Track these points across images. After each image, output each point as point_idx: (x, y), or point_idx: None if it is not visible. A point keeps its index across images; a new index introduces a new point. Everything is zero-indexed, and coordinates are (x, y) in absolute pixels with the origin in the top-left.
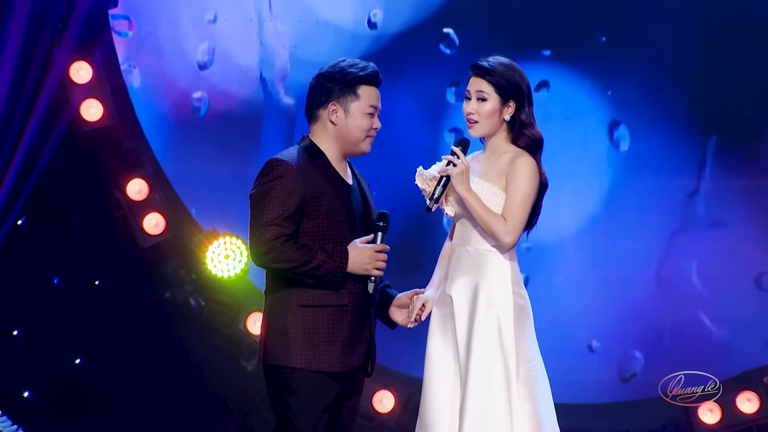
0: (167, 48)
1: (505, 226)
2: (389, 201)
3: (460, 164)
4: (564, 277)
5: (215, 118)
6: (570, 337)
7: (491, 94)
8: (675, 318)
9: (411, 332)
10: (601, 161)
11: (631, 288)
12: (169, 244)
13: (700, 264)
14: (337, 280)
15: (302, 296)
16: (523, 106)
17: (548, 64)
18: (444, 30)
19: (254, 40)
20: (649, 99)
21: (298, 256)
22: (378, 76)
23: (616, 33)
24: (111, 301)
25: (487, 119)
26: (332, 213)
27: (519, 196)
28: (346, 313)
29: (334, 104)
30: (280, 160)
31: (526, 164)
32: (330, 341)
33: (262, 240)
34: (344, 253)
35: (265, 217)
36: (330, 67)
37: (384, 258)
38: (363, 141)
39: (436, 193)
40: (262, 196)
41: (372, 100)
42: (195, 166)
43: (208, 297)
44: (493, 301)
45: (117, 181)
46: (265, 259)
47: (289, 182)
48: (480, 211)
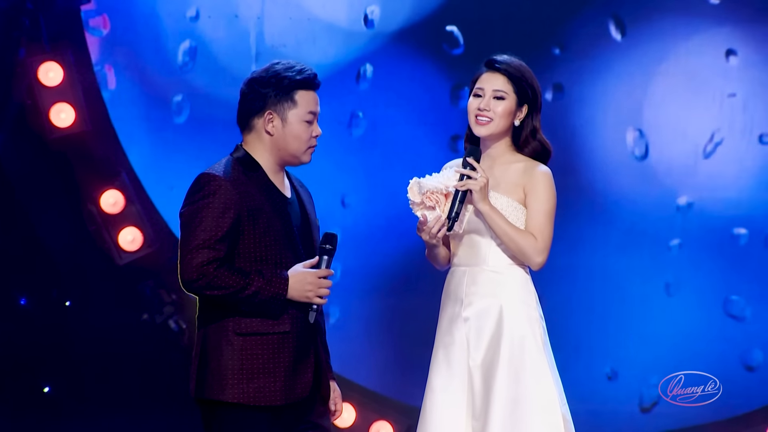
0: (145, 47)
1: (536, 243)
2: (383, 215)
3: (481, 177)
4: (576, 297)
5: (198, 123)
6: (585, 363)
7: (510, 93)
8: (700, 342)
9: (411, 358)
10: (618, 171)
11: (651, 309)
12: (147, 261)
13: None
14: (277, 308)
15: (239, 324)
16: (536, 111)
17: (560, 63)
18: (447, 28)
19: (240, 39)
20: (673, 103)
21: (233, 283)
22: (316, 79)
23: (638, 28)
24: (83, 324)
25: (501, 119)
26: (270, 231)
27: (545, 210)
28: (288, 340)
29: (271, 113)
30: (211, 174)
31: (546, 175)
32: (271, 372)
33: (192, 265)
34: (284, 279)
35: (195, 239)
36: (263, 70)
37: (328, 284)
38: (303, 152)
39: (455, 210)
40: (192, 216)
41: (311, 106)
42: (176, 175)
43: (189, 319)
44: (520, 324)
45: (90, 193)
46: (197, 287)
47: (222, 199)
48: (507, 228)
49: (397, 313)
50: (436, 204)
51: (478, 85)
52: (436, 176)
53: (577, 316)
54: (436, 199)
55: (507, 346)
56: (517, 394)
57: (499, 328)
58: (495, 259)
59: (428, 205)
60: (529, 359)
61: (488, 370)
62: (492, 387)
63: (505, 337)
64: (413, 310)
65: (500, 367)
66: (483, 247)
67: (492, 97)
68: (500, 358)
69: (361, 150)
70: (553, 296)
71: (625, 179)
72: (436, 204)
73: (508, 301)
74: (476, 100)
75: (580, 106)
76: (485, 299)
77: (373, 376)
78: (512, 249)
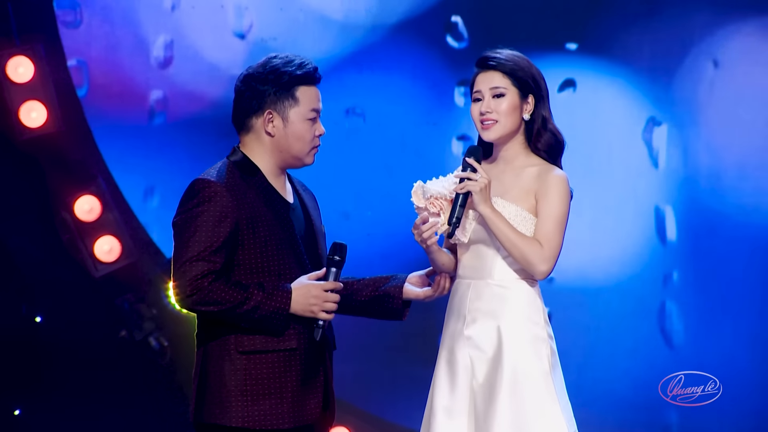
0: (122, 41)
1: (542, 251)
2: (385, 221)
3: (482, 178)
4: (593, 318)
5: (179, 123)
6: (602, 392)
7: (509, 87)
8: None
9: (412, 379)
10: (639, 176)
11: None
12: (126, 274)
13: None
14: (279, 324)
15: (242, 341)
16: (543, 99)
17: (575, 59)
18: (452, 19)
19: (225, 32)
20: (697, 100)
21: (231, 297)
22: (317, 73)
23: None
24: (55, 342)
25: (507, 117)
26: (271, 240)
27: (554, 216)
28: (294, 358)
29: (270, 112)
30: (206, 180)
31: (561, 180)
32: (277, 393)
33: (186, 279)
34: (286, 292)
35: (189, 250)
36: (260, 66)
37: (335, 299)
38: (307, 154)
39: (456, 214)
40: (186, 226)
41: (313, 103)
42: (156, 180)
43: (171, 336)
44: (522, 346)
45: (63, 199)
46: (191, 302)
47: (218, 206)
48: (510, 233)
49: (396, 330)
50: (441, 211)
51: (475, 89)
52: (441, 180)
53: (591, 338)
54: (440, 206)
55: (508, 370)
56: (518, 422)
57: (499, 351)
58: (501, 272)
59: (432, 212)
60: (532, 385)
61: (489, 394)
62: (493, 414)
63: (506, 361)
64: (414, 327)
65: (501, 394)
66: (489, 258)
67: (492, 96)
68: (500, 383)
69: (359, 152)
70: (565, 314)
71: (644, 185)
72: (441, 211)
73: (510, 320)
74: (477, 105)
75: (596, 105)
76: (486, 318)
77: (371, 398)
78: (515, 256)
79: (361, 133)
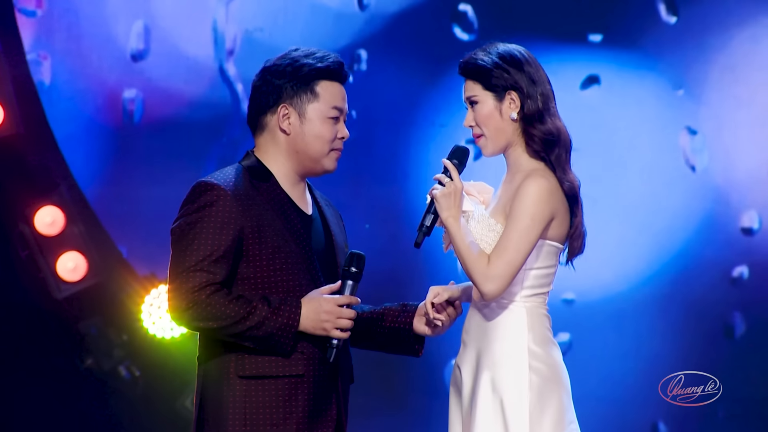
0: (89, 31)
1: (485, 269)
2: (385, 231)
3: (449, 183)
4: (619, 341)
5: (154, 124)
6: (628, 419)
7: (479, 92)
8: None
9: (430, 413)
10: (672, 182)
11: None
12: (93, 295)
13: None
14: (287, 343)
15: (242, 363)
16: (534, 94)
17: (599, 52)
18: (460, 7)
19: (206, 21)
20: (733, 99)
21: (232, 311)
22: (343, 69)
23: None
24: (14, 370)
25: (487, 126)
26: (279, 253)
27: (515, 228)
28: (302, 385)
29: (286, 107)
30: (209, 183)
31: (531, 188)
32: (280, 425)
33: (183, 291)
34: (295, 307)
35: (187, 260)
36: (279, 58)
37: (351, 315)
38: (326, 156)
39: (426, 222)
40: (185, 232)
41: (336, 101)
42: (127, 189)
43: (144, 365)
44: (497, 379)
45: (22, 210)
46: (188, 316)
47: (221, 212)
48: (460, 247)
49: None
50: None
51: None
52: (473, 184)
53: (616, 363)
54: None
55: (481, 404)
56: None
57: (475, 385)
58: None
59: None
60: (511, 418)
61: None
62: None
63: (481, 396)
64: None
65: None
66: None
67: (471, 106)
68: (475, 417)
69: (355, 156)
70: (588, 337)
71: (678, 193)
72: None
73: (493, 349)
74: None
75: (622, 102)
76: (469, 348)
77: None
78: (465, 272)
79: (356, 133)
